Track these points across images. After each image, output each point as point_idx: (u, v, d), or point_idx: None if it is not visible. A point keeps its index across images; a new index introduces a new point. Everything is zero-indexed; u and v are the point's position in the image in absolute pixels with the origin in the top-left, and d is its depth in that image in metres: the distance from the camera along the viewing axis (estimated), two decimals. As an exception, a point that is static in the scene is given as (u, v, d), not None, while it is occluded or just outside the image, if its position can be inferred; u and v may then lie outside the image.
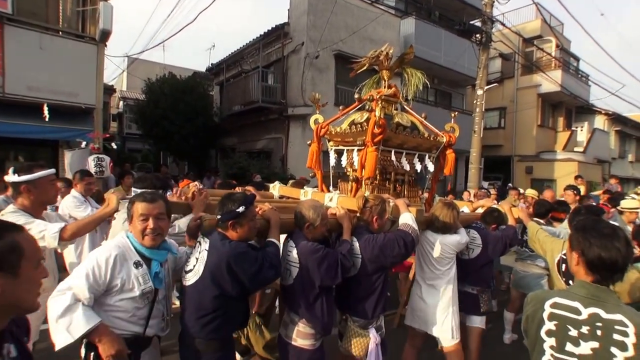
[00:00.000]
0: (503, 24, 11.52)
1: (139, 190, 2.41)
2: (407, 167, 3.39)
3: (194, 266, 2.17)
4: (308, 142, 3.72)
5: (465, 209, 4.11)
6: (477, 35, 10.97)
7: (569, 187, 6.70)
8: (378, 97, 3.12)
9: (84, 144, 7.69)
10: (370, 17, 11.98)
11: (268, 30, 12.46)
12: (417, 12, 13.41)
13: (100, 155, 7.08)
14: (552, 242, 3.06)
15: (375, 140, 3.02)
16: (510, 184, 15.28)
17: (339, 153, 3.64)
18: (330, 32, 11.39)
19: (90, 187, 4.25)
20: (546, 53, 16.81)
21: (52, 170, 2.57)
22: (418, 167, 3.47)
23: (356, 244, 2.63)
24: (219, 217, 2.19)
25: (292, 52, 11.78)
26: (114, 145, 9.64)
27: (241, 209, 2.14)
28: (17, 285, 1.09)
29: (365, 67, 3.49)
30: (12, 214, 2.32)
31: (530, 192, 6.90)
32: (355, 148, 3.34)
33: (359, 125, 3.28)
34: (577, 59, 19.76)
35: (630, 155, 22.64)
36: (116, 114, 24.33)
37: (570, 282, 2.87)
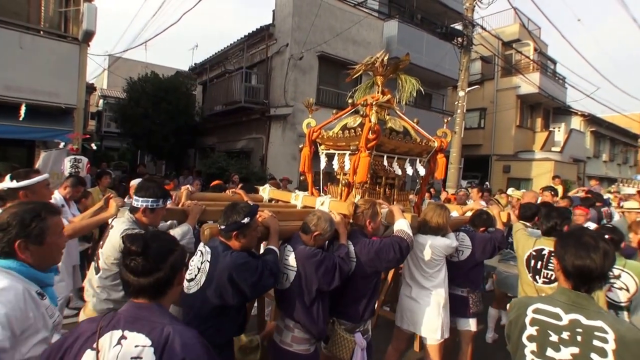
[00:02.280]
0: (483, 28, 11.74)
1: (140, 200, 2.37)
2: (399, 172, 3.43)
3: (196, 275, 2.16)
4: (300, 146, 3.72)
5: (455, 213, 4.18)
6: (459, 39, 11.15)
7: (547, 188, 6.89)
8: (372, 102, 3.15)
9: (62, 144, 7.48)
10: (354, 19, 12.10)
11: (253, 31, 12.42)
12: (399, 15, 13.54)
13: (78, 157, 6.91)
14: (525, 239, 3.26)
15: (369, 146, 3.02)
16: (487, 183, 15.63)
17: (330, 157, 3.65)
18: (315, 34, 11.43)
19: (77, 194, 4.31)
20: (524, 56, 17.28)
21: (47, 175, 2.65)
22: (409, 171, 3.51)
23: (351, 248, 2.65)
24: (222, 227, 2.18)
25: (276, 53, 11.77)
26: (93, 146, 9.36)
27: (246, 220, 2.14)
28: None
29: (360, 73, 3.52)
30: None
31: (516, 194, 7.08)
32: (347, 152, 3.34)
33: (352, 130, 3.29)
34: (554, 62, 20.31)
35: (605, 154, 23.43)
36: (95, 112, 23.78)
37: (537, 277, 3.07)
